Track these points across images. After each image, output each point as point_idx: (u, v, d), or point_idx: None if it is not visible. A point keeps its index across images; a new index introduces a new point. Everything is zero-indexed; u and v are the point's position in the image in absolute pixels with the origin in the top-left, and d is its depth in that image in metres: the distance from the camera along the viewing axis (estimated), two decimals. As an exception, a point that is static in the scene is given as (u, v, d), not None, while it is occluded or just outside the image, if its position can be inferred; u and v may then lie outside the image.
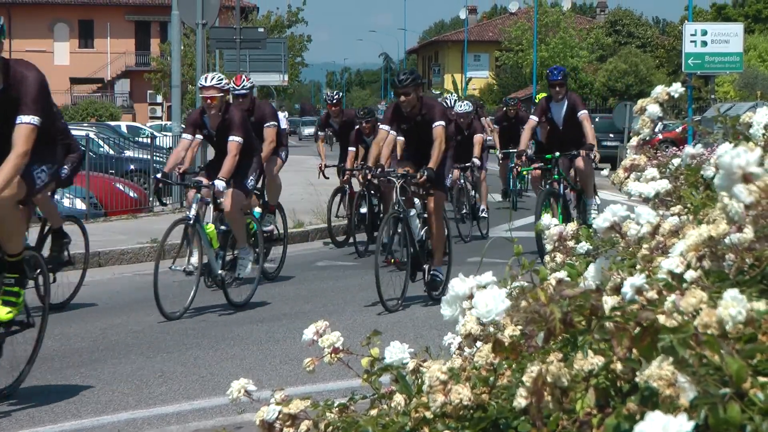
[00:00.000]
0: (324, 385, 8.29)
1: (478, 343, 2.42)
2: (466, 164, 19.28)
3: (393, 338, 2.83)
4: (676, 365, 1.89)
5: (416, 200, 12.88)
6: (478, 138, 19.60)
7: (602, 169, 6.55)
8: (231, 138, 12.40)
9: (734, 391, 1.87)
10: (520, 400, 2.10)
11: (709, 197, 3.08)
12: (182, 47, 25.83)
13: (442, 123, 12.65)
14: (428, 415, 2.39)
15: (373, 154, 12.90)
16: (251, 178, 12.99)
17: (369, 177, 12.96)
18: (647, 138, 3.54)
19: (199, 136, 12.82)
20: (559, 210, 15.54)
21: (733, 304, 1.96)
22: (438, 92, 71.57)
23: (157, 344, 10.57)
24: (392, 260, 12.82)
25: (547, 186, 16.04)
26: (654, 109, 3.47)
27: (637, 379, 1.97)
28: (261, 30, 29.97)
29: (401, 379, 2.63)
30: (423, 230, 12.93)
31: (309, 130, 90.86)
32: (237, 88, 14.64)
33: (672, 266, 2.30)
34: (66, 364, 9.68)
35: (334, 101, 19.10)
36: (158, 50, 75.10)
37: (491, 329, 2.35)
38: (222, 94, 12.56)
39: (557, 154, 15.96)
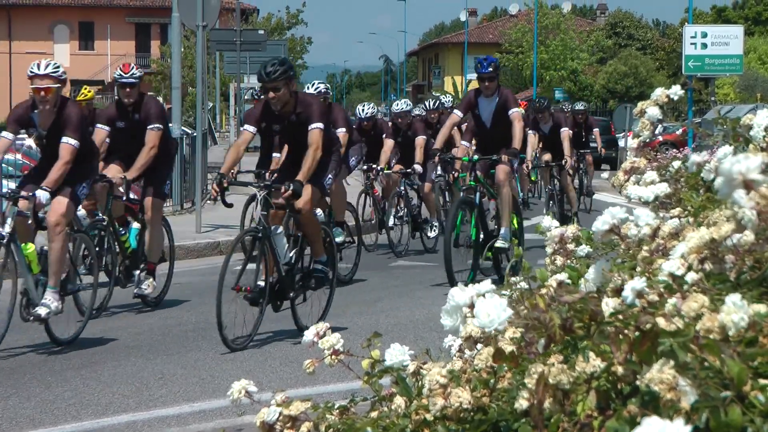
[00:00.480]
0: (324, 387, 8.29)
1: (479, 346, 2.42)
2: (407, 170, 17.37)
3: (393, 340, 2.83)
4: (677, 369, 1.89)
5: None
6: (419, 141, 17.36)
7: (603, 171, 6.57)
8: (65, 140, 10.48)
9: (735, 394, 1.87)
10: (522, 402, 2.10)
11: (709, 199, 3.08)
12: (182, 49, 25.83)
13: (320, 125, 10.75)
14: (428, 417, 2.39)
15: (229, 159, 11.36)
16: (84, 185, 10.92)
17: (225, 185, 11.00)
18: (647, 140, 3.54)
19: (21, 136, 11.28)
20: (472, 222, 13.83)
21: (736, 310, 1.96)
22: (437, 94, 71.64)
23: (157, 346, 10.57)
24: (240, 287, 10.54)
25: (462, 194, 14.67)
26: (654, 112, 3.47)
27: (638, 383, 1.97)
28: (261, 32, 29.95)
29: (401, 382, 2.63)
30: (292, 252, 11.14)
31: None
32: (124, 75, 12.79)
33: (673, 268, 2.30)
34: (66, 366, 9.68)
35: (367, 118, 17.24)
36: (158, 52, 75.18)
37: (492, 332, 2.35)
38: (58, 86, 10.72)
39: (475, 157, 14.34)
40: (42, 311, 10.28)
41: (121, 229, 12.64)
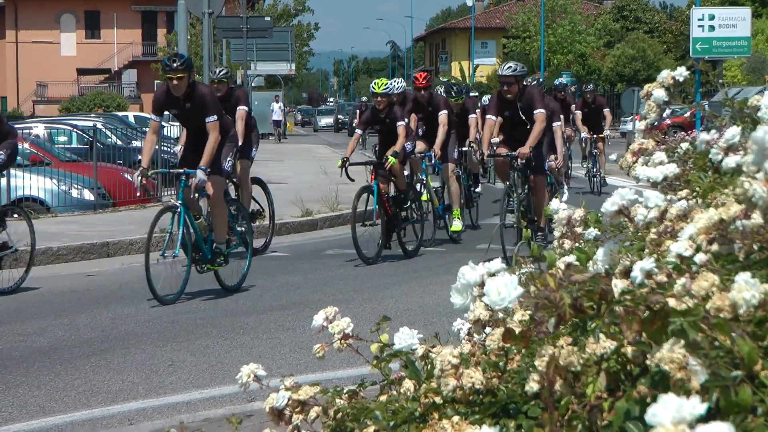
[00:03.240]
0: (333, 373, 8.29)
1: (487, 329, 2.42)
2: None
3: (402, 325, 2.82)
4: (688, 348, 1.88)
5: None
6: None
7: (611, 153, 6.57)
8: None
9: (745, 374, 1.86)
10: (533, 385, 2.09)
11: (717, 181, 3.07)
12: (189, 37, 25.77)
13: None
14: (438, 400, 2.39)
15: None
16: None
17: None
18: (654, 123, 3.52)
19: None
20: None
21: (747, 288, 1.95)
22: (445, 79, 71.62)
23: (167, 334, 10.58)
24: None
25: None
26: (659, 94, 3.46)
27: (647, 362, 1.97)
28: (267, 19, 29.95)
29: (410, 365, 2.63)
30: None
31: (327, 120, 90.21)
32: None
33: (681, 249, 2.29)
34: (75, 354, 9.69)
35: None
36: (165, 40, 75.14)
37: (500, 315, 2.35)
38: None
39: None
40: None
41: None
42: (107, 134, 29.28)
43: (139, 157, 17.67)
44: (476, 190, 19.87)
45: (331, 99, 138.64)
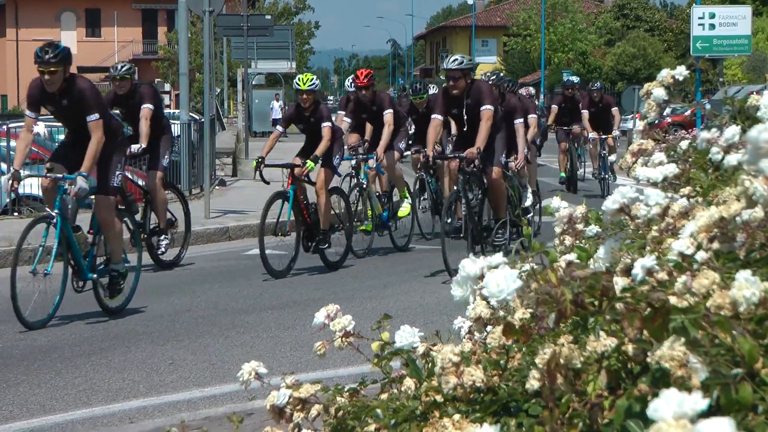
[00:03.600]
0: (334, 371, 8.29)
1: (488, 328, 2.42)
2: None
3: (403, 323, 2.82)
4: (688, 346, 1.89)
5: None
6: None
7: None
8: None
9: (746, 372, 1.87)
10: (533, 383, 2.09)
11: (718, 179, 3.07)
12: (189, 35, 25.79)
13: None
14: (439, 398, 2.39)
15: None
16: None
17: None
18: (654, 122, 3.52)
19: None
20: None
21: (747, 286, 1.96)
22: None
23: (167, 332, 10.59)
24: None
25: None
26: (659, 93, 3.46)
27: (648, 360, 1.97)
28: (268, 17, 29.96)
29: (411, 364, 2.63)
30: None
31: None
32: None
33: (682, 247, 2.30)
34: (76, 353, 9.69)
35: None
36: (165, 39, 75.12)
37: (501, 312, 2.35)
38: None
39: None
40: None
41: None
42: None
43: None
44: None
45: (331, 97, 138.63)
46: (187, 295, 12.69)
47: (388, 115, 15.74)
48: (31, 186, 20.64)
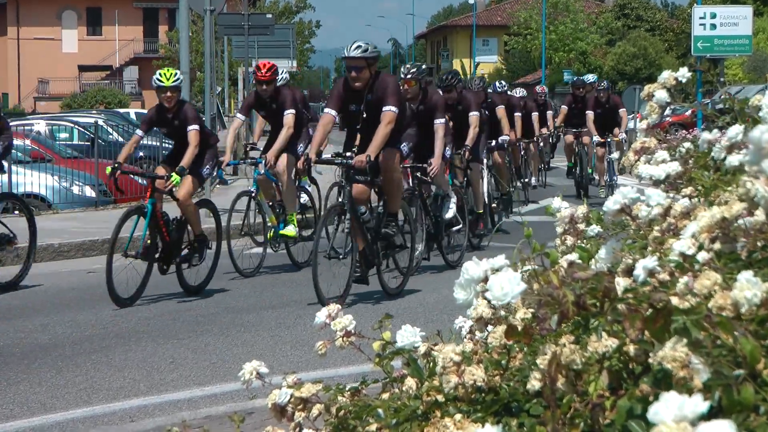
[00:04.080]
0: (335, 371, 8.29)
1: (489, 327, 2.42)
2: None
3: (403, 323, 2.82)
4: (690, 347, 1.89)
5: None
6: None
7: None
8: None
9: (748, 373, 1.86)
10: (535, 383, 2.09)
11: (720, 179, 3.07)
12: (190, 34, 25.82)
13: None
14: (440, 398, 2.39)
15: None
16: None
17: None
18: (656, 122, 3.53)
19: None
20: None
21: (749, 287, 1.95)
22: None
23: (168, 331, 10.59)
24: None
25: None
26: (661, 95, 3.46)
27: (650, 361, 1.97)
28: (269, 16, 29.96)
29: (413, 363, 2.63)
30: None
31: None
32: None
33: (684, 248, 2.30)
34: (77, 351, 9.69)
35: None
36: (166, 37, 75.14)
37: (502, 313, 2.35)
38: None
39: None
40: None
41: None
42: (108, 131, 29.31)
43: (141, 154, 17.51)
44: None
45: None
46: (187, 294, 12.69)
47: (288, 116, 14.01)
48: (32, 184, 20.70)
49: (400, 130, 12.04)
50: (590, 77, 24.63)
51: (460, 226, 14.91)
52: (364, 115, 11.83)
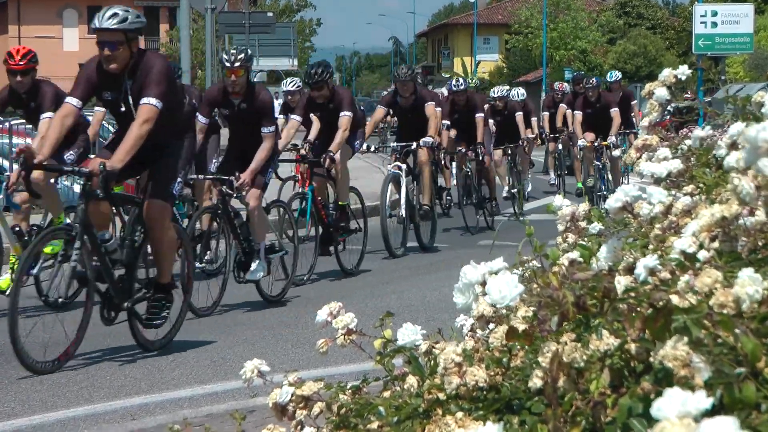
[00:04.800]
0: (336, 369, 8.29)
1: (491, 325, 2.42)
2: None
3: (405, 321, 2.82)
4: (691, 345, 1.89)
5: None
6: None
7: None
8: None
9: (749, 371, 1.86)
10: (536, 381, 2.10)
11: (721, 177, 3.07)
12: (191, 32, 25.84)
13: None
14: (441, 396, 2.39)
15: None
16: None
17: None
18: (657, 120, 3.53)
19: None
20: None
21: (750, 284, 1.96)
22: (447, 75, 71.55)
23: (169, 329, 10.57)
24: None
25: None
26: (662, 93, 3.47)
27: (651, 360, 1.97)
28: (270, 14, 29.97)
29: (414, 361, 2.63)
30: None
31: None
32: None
33: (684, 246, 2.30)
34: (77, 349, 9.68)
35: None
36: (167, 36, 75.16)
37: (504, 311, 2.35)
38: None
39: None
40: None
41: None
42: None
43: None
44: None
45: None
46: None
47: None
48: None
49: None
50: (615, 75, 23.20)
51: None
52: (122, 108, 9.26)
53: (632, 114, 21.19)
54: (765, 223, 2.28)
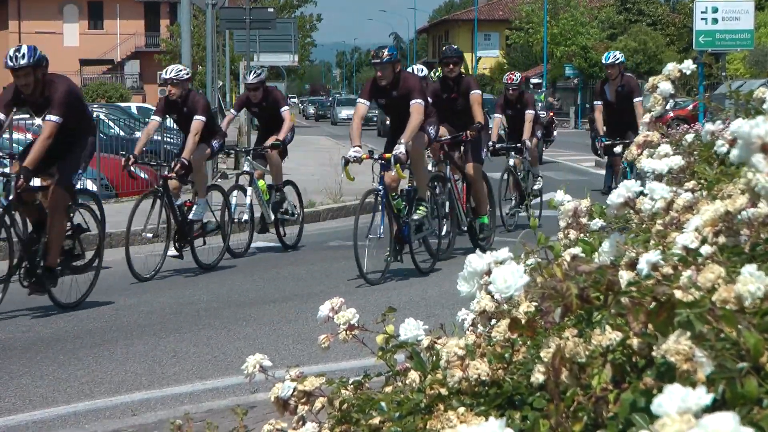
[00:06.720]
0: (337, 364, 8.30)
1: (492, 321, 2.42)
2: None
3: (406, 317, 2.82)
4: (694, 340, 1.89)
5: None
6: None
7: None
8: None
9: (751, 366, 1.87)
10: (538, 376, 2.09)
11: (723, 172, 3.07)
12: (192, 28, 25.82)
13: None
14: (443, 391, 2.39)
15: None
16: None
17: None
18: (659, 115, 3.52)
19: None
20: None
21: (752, 280, 1.95)
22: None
23: (170, 324, 10.59)
24: None
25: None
26: (665, 87, 3.46)
27: (653, 354, 1.97)
28: (271, 10, 29.92)
29: (416, 356, 2.63)
30: None
31: (347, 112, 72.88)
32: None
33: (687, 241, 2.30)
34: (79, 345, 9.70)
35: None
36: (168, 31, 75.11)
37: (505, 306, 2.35)
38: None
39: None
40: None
41: None
42: (110, 125, 29.28)
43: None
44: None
45: (336, 91, 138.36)
46: (189, 288, 12.71)
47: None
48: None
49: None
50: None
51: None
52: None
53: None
54: (767, 216, 2.28)
